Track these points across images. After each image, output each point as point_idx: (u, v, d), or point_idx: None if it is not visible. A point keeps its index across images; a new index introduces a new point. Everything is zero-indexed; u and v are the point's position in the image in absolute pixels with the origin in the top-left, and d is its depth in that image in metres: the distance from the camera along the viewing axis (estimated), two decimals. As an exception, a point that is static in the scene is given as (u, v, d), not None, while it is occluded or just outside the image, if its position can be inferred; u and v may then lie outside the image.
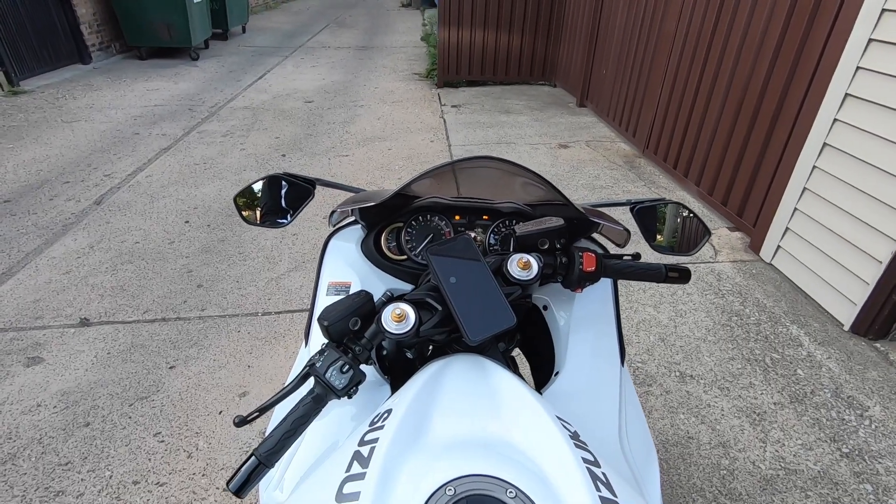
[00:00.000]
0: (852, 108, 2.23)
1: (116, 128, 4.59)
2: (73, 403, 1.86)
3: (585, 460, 0.55)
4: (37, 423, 1.78)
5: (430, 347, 0.94)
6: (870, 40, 2.12)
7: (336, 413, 0.82)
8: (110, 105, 5.19)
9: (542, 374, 0.99)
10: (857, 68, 2.18)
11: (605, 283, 0.97)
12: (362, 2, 15.41)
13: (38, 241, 2.86)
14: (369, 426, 0.63)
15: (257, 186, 1.05)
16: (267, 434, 0.64)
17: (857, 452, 1.73)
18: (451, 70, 6.19)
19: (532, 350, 1.06)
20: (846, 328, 2.27)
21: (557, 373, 0.89)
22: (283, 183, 1.05)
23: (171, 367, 2.03)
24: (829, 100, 2.33)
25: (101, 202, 3.31)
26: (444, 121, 5.02)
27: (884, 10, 2.06)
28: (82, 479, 1.60)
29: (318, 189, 1.08)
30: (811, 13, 2.50)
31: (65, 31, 6.31)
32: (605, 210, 1.05)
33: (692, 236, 0.99)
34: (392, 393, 0.84)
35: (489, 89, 6.21)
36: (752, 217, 2.93)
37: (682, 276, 0.88)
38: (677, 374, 2.04)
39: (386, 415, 0.63)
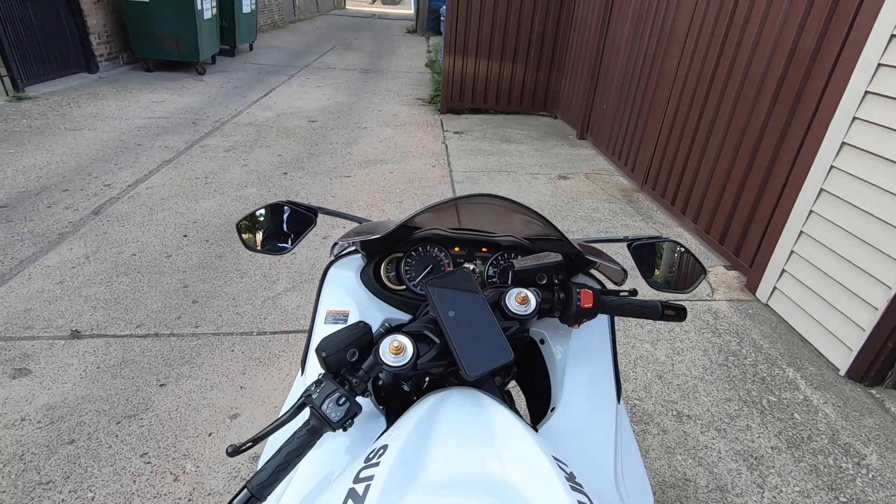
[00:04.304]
0: (849, 156, 2.28)
1: (119, 138, 4.60)
2: (59, 419, 1.81)
3: None
4: (19, 438, 1.73)
5: (427, 379, 0.93)
6: (866, 92, 2.19)
7: (330, 445, 0.81)
8: (114, 115, 5.21)
9: (538, 408, 0.98)
10: (854, 118, 2.24)
11: (602, 319, 0.98)
12: (369, 26, 15.75)
13: (33, 248, 2.83)
14: (364, 462, 0.62)
15: (260, 213, 1.05)
16: (260, 466, 0.63)
17: (854, 502, 1.71)
18: (454, 97, 6.30)
19: (528, 383, 1.05)
20: (842, 373, 2.28)
21: (553, 408, 0.88)
22: (286, 209, 1.06)
23: (161, 385, 1.99)
24: (827, 146, 2.39)
25: (99, 212, 3.29)
26: (446, 146, 5.08)
27: (880, 65, 2.13)
28: (63, 500, 1.54)
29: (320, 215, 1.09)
30: (809, 62, 2.58)
31: (73, 40, 6.37)
32: (602, 246, 1.07)
33: (688, 274, 1.01)
34: (387, 424, 0.83)
35: (491, 117, 6.31)
36: (749, 257, 2.96)
37: (678, 314, 0.89)
38: (674, 413, 2.03)
39: (381, 451, 0.62)
